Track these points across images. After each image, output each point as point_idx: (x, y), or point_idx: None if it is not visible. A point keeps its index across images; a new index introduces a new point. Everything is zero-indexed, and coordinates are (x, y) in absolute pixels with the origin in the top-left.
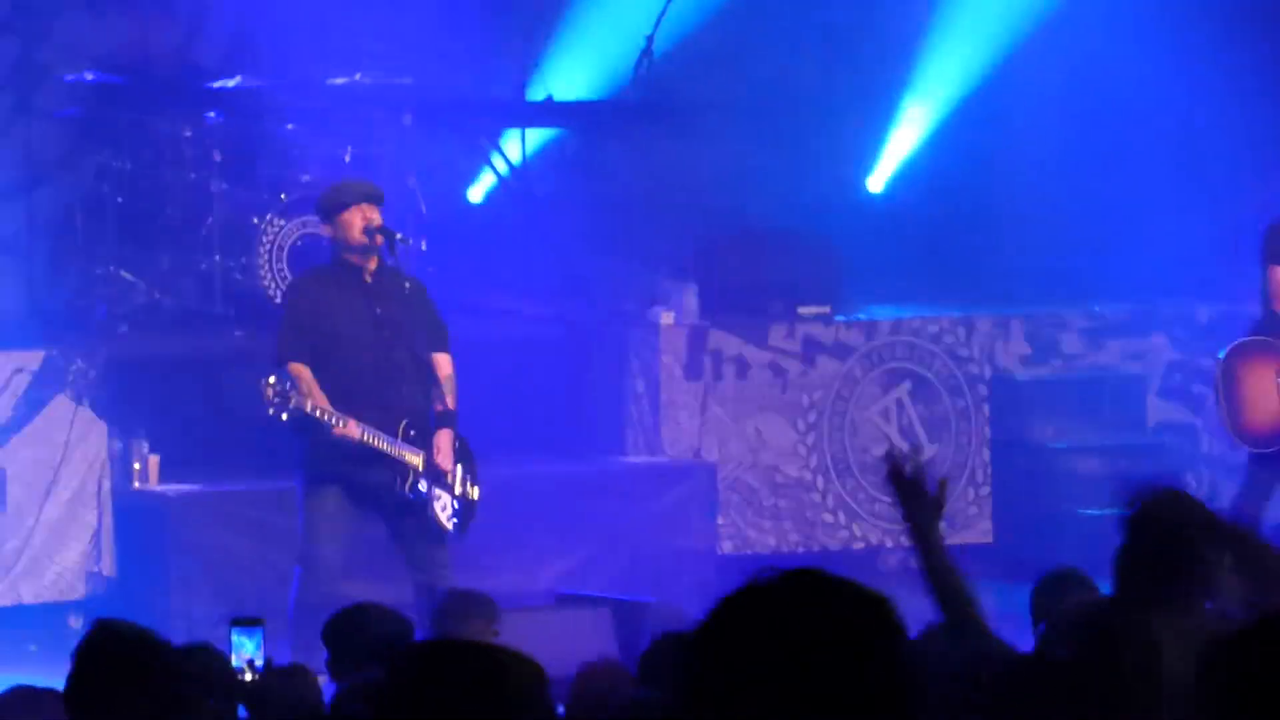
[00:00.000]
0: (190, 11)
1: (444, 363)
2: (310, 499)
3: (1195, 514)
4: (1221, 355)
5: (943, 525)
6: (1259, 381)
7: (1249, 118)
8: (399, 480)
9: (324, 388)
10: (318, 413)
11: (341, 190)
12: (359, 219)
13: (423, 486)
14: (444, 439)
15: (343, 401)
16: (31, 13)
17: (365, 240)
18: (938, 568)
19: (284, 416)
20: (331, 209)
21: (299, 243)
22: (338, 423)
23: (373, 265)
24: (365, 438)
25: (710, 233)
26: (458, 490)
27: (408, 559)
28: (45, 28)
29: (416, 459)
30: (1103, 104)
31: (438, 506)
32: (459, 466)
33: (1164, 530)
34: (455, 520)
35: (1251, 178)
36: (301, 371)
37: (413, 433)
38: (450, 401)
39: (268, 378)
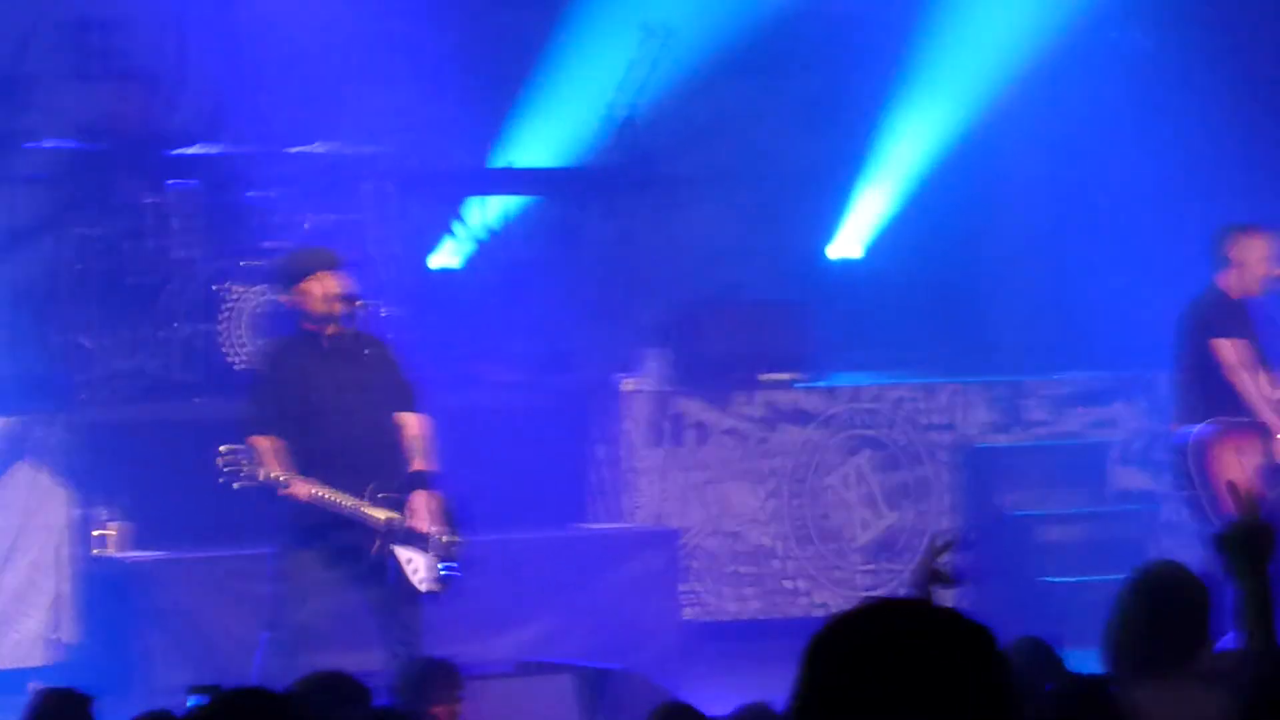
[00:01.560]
0: (164, 80)
1: (412, 422)
2: (283, 566)
3: (1193, 583)
4: (1187, 444)
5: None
6: (1230, 464)
7: (1217, 188)
8: (367, 544)
9: (295, 456)
10: (266, 479)
11: (299, 259)
12: (318, 287)
13: (395, 549)
14: (419, 500)
15: (314, 468)
16: (11, 79)
17: (325, 308)
18: None
19: (235, 485)
20: (291, 277)
21: (260, 309)
22: (283, 484)
23: (330, 330)
24: (316, 497)
25: (681, 299)
26: (432, 551)
27: (379, 625)
28: (21, 94)
29: (382, 521)
30: (1071, 174)
31: (409, 569)
32: (434, 528)
33: (1162, 598)
34: (427, 581)
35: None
36: (262, 444)
37: (380, 495)
38: (422, 462)
39: (220, 447)
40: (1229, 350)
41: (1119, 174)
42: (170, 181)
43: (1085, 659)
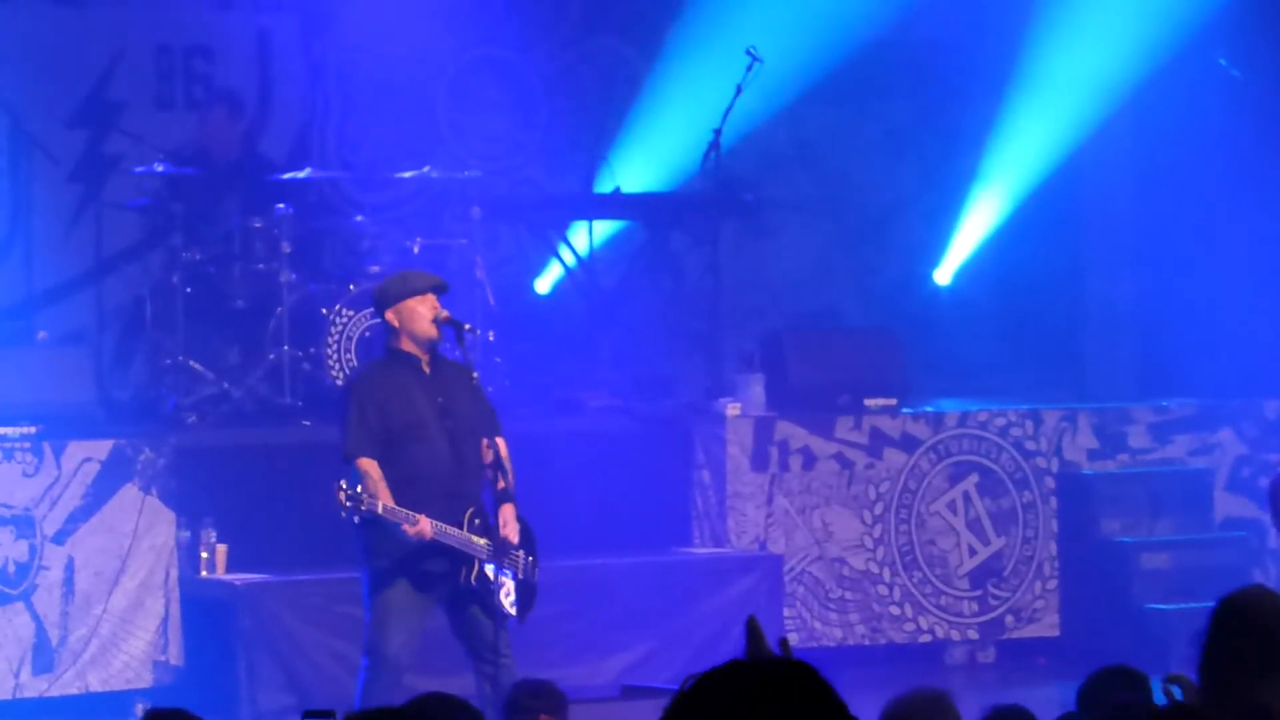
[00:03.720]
0: (256, 105)
1: (499, 445)
2: (376, 591)
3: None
4: (1277, 477)
5: None
6: None
7: None
8: (464, 571)
9: (392, 480)
10: (390, 515)
11: (409, 279)
12: (427, 309)
13: (489, 572)
14: (508, 513)
15: (411, 492)
16: (100, 105)
17: (433, 330)
18: None
19: (356, 519)
20: (398, 296)
21: (368, 333)
22: (410, 522)
23: (430, 356)
24: (438, 534)
25: (777, 325)
26: (521, 574)
27: (469, 648)
28: (114, 120)
29: (482, 547)
30: (1171, 199)
31: (502, 594)
32: (521, 551)
33: (1247, 622)
34: (516, 605)
35: None
36: (370, 468)
37: (477, 521)
38: (508, 480)
39: (340, 481)
40: None
41: (1224, 200)
42: (278, 205)
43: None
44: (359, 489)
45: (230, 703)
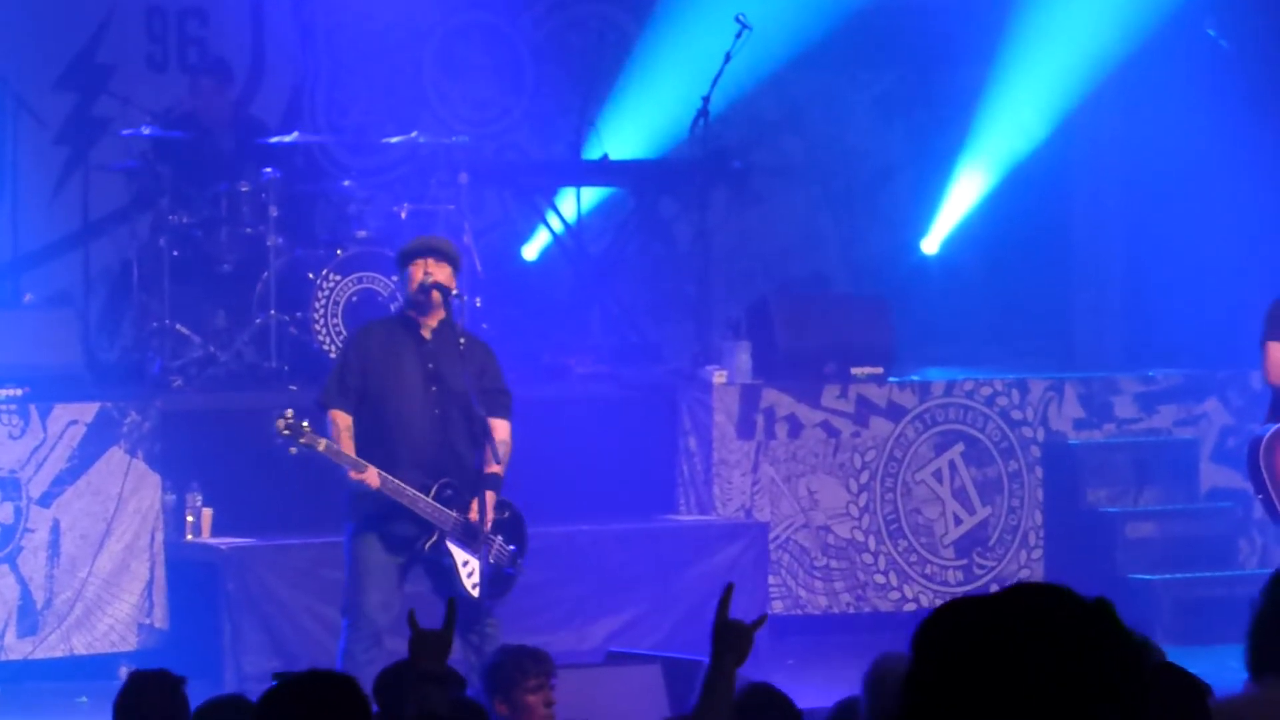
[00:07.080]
0: (249, 68)
1: (499, 428)
2: (353, 550)
3: None
4: (1259, 444)
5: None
6: None
7: None
8: (423, 538)
9: (366, 437)
10: (334, 455)
11: (413, 243)
12: (419, 273)
13: (450, 546)
14: (486, 500)
15: (380, 452)
16: (89, 67)
17: (419, 295)
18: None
19: (292, 450)
20: (401, 260)
21: (355, 298)
22: (360, 467)
23: (434, 322)
24: (389, 489)
25: (764, 292)
26: (492, 559)
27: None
28: (103, 82)
29: (445, 518)
30: (1159, 168)
31: (464, 571)
32: (499, 536)
33: None
34: (480, 588)
35: None
36: (338, 418)
37: (449, 492)
38: (498, 466)
39: (285, 412)
40: (1274, 352)
41: (1212, 170)
42: (266, 169)
43: (1175, 658)
44: (305, 423)
45: (215, 666)
